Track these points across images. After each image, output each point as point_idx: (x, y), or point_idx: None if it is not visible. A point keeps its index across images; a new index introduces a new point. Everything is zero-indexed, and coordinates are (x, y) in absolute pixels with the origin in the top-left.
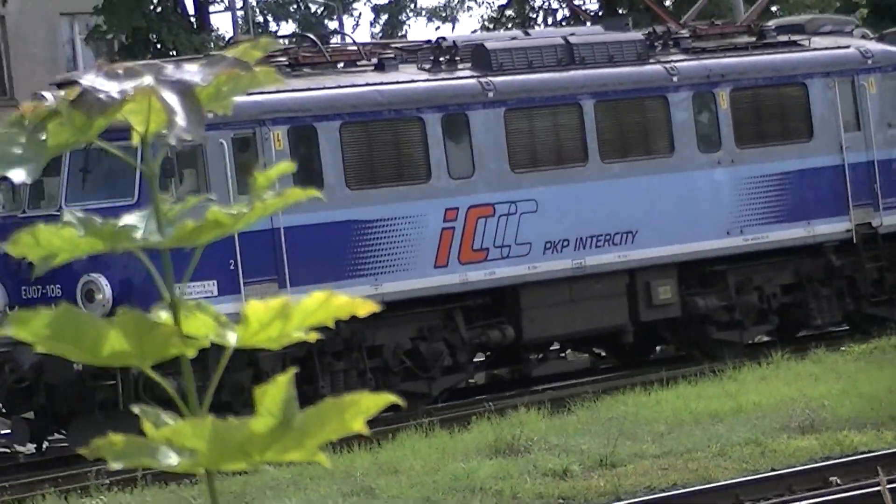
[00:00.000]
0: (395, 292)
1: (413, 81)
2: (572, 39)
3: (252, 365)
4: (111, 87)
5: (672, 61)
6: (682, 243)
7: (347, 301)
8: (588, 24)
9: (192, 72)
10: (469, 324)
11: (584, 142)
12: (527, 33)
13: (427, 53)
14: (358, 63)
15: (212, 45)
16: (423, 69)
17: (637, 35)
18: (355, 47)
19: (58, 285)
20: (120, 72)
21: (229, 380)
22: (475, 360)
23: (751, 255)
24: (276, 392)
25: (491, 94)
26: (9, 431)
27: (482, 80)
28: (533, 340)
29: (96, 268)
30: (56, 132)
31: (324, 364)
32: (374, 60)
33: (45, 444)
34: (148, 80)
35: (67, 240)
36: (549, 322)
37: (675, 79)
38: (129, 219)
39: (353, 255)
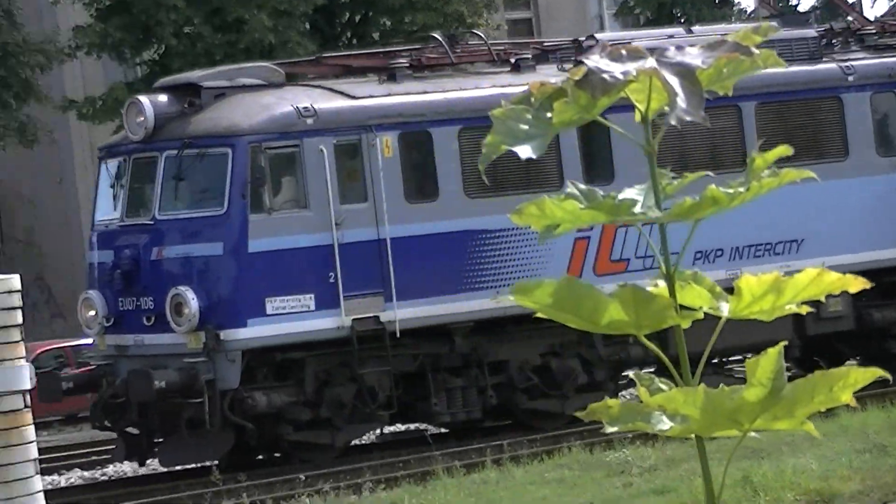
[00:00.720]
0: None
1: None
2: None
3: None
4: (615, 68)
5: (849, 59)
6: (854, 252)
7: (839, 277)
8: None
9: (692, 55)
10: (607, 339)
11: (743, 146)
12: (689, 31)
13: (569, 53)
14: (493, 64)
15: (732, 19)
16: (563, 70)
17: (810, 32)
18: (486, 48)
19: (150, 298)
20: (623, 53)
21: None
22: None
23: None
24: (767, 363)
25: None
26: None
27: None
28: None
29: (184, 281)
30: (561, 110)
31: (438, 381)
32: (512, 61)
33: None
34: (650, 62)
35: (570, 211)
36: (697, 336)
37: (850, 78)
38: (628, 193)
39: (472, 265)
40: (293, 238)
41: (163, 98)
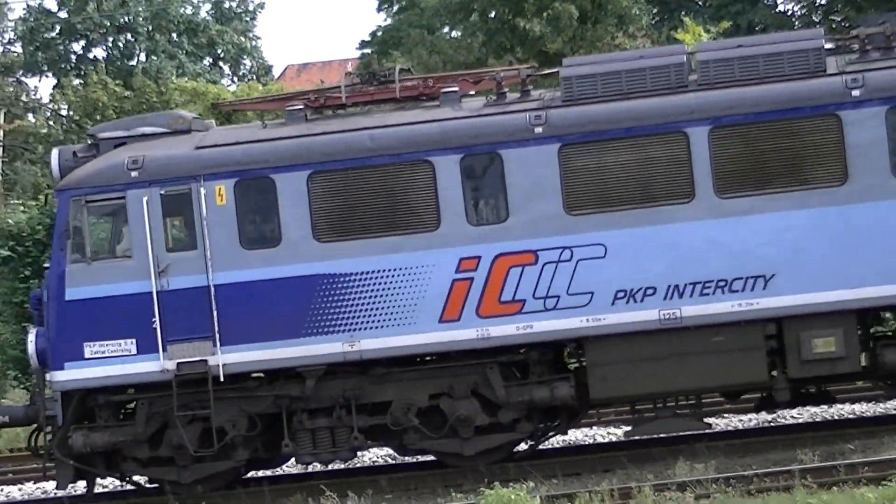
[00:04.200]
0: None
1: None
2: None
3: None
4: None
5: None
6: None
7: None
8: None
9: None
10: (507, 379)
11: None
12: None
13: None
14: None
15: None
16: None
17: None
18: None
19: None
20: None
21: None
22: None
23: None
24: None
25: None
26: None
27: None
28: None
29: (36, 323)
30: None
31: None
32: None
33: None
34: None
35: None
36: (662, 376)
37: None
38: None
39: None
40: (113, 286)
41: (77, 148)
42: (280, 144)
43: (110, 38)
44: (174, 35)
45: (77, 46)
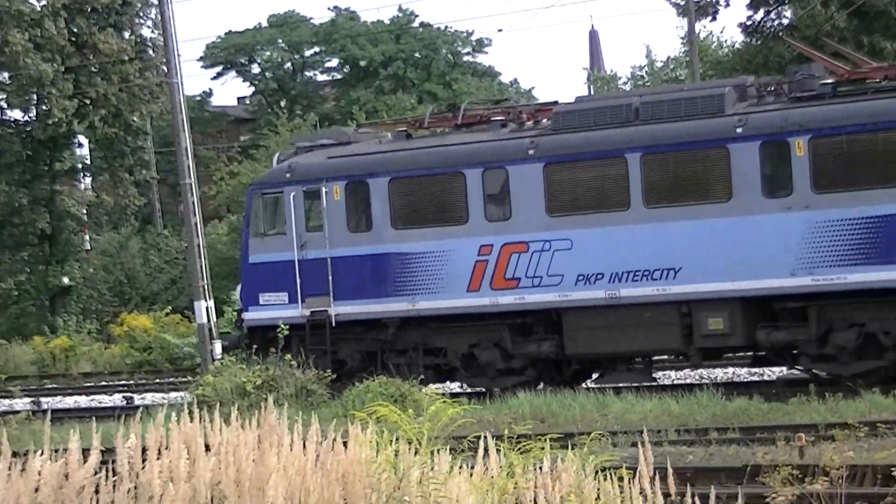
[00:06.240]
0: None
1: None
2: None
3: None
4: None
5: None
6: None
7: None
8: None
9: None
10: (523, 335)
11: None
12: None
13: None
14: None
15: None
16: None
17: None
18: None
19: None
20: None
21: None
22: None
23: None
24: None
25: None
26: None
27: None
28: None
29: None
30: None
31: (386, 358)
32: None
33: None
34: None
35: None
36: (594, 340)
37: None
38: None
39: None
40: (275, 254)
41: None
42: (371, 158)
43: None
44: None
45: None
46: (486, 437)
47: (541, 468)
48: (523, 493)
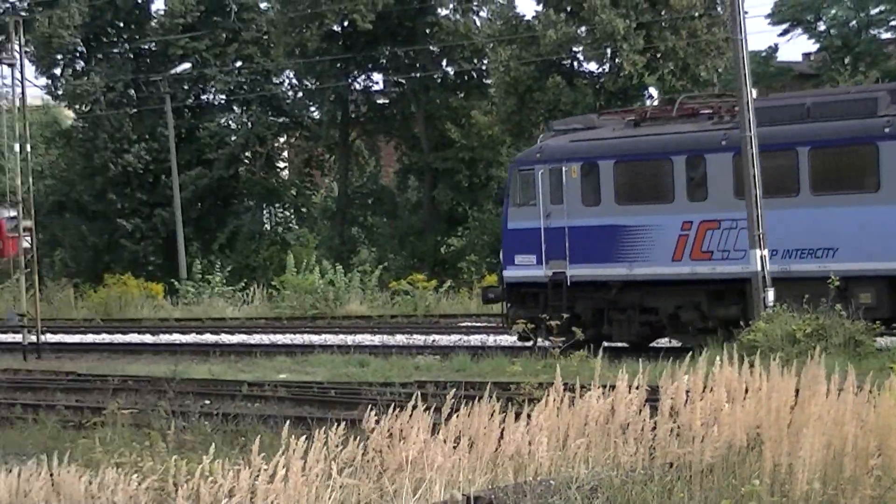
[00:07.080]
0: None
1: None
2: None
3: None
4: None
5: None
6: None
7: None
8: None
9: None
10: (717, 301)
11: None
12: None
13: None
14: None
15: None
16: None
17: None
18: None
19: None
20: None
21: None
22: None
23: None
24: None
25: None
26: None
27: None
28: None
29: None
30: None
31: (611, 315)
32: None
33: None
34: None
35: None
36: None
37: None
38: None
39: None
40: (527, 222)
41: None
42: (602, 142)
43: None
44: None
45: None
46: None
47: None
48: None
